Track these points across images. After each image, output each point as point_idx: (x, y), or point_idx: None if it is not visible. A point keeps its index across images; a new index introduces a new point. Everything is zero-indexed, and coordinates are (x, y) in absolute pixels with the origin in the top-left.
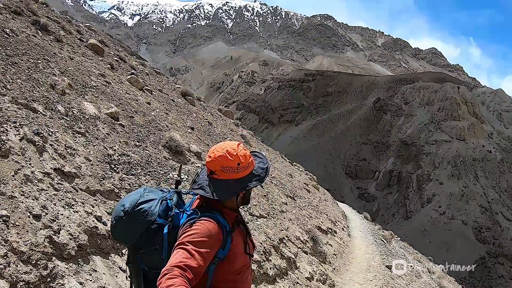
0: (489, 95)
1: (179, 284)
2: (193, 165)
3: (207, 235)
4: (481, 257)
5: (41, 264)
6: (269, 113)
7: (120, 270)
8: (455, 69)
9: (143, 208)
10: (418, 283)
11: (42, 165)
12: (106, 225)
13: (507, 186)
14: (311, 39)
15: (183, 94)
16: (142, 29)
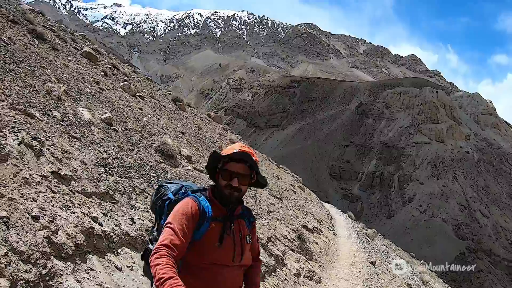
0: (466, 98)
1: (165, 264)
2: (184, 168)
3: (185, 211)
4: (461, 253)
5: (40, 263)
6: (256, 118)
7: (116, 269)
8: (434, 74)
9: (166, 186)
10: (401, 278)
11: (39, 169)
12: (102, 225)
13: (485, 184)
14: (296, 47)
15: (173, 100)
16: (134, 37)
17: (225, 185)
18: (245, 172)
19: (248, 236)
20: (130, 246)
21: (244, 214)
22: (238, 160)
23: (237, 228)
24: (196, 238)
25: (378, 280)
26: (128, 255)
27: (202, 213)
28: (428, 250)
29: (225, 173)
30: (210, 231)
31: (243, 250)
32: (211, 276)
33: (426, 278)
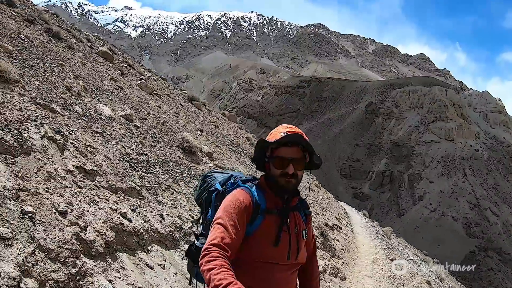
0: (475, 97)
1: (220, 267)
2: (206, 165)
3: (237, 204)
4: (471, 251)
5: (69, 262)
6: (266, 118)
7: (147, 267)
8: (443, 73)
9: (212, 176)
10: (420, 275)
11: (64, 163)
12: (131, 222)
13: (494, 183)
14: (306, 47)
15: (189, 99)
16: (145, 40)
17: (280, 173)
18: (299, 156)
19: (305, 231)
20: (160, 243)
21: (299, 206)
22: (289, 144)
23: (292, 221)
24: (248, 233)
25: (400, 277)
26: (159, 253)
27: (256, 206)
28: (439, 249)
29: (277, 160)
30: (264, 226)
31: (299, 247)
32: (264, 275)
33: (443, 276)
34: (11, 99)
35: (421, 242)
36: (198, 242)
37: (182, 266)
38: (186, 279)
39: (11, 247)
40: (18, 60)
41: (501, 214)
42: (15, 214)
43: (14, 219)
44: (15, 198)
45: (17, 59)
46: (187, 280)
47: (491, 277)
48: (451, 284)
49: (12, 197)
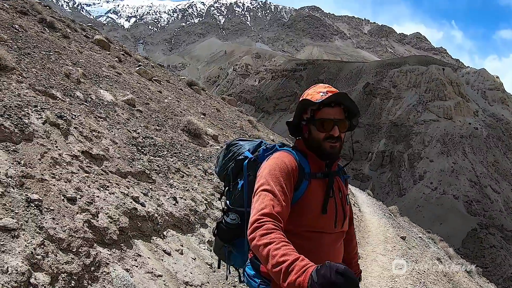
0: (472, 75)
1: (279, 241)
2: (213, 147)
3: (283, 167)
4: (473, 229)
5: (82, 252)
6: (264, 102)
7: (165, 254)
8: (439, 51)
9: (239, 144)
10: (430, 252)
11: (69, 148)
12: (144, 206)
13: (494, 160)
14: (300, 30)
15: (189, 84)
16: (139, 30)
17: (324, 137)
18: (342, 117)
19: (348, 197)
20: (175, 228)
21: (339, 171)
22: (333, 104)
23: (336, 187)
24: (293, 200)
25: (412, 254)
26: (175, 238)
27: (300, 169)
28: (440, 227)
29: (320, 123)
30: (310, 192)
31: (345, 214)
32: (313, 245)
33: (451, 252)
34: (9, 86)
35: (423, 221)
36: (228, 218)
37: (200, 251)
38: (206, 264)
39: (18, 238)
40: (14, 48)
41: (502, 191)
42: (20, 203)
43: (19, 208)
44: (19, 186)
45: (12, 48)
46: (207, 265)
47: (493, 254)
48: (459, 261)
49: (16, 184)
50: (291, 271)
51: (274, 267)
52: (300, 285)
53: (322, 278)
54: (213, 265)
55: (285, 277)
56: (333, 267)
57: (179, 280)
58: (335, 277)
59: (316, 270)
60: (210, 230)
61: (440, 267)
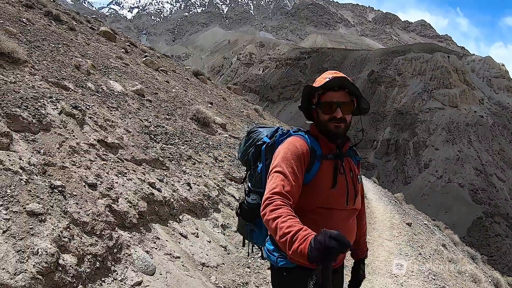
0: (478, 62)
1: (286, 215)
2: (221, 135)
3: (294, 151)
4: (478, 218)
5: (105, 235)
6: (268, 91)
7: (182, 237)
8: (444, 39)
9: (258, 130)
10: (435, 238)
11: (85, 137)
12: (161, 191)
13: (500, 148)
14: (304, 18)
15: (195, 74)
16: (141, 20)
17: (328, 118)
18: (346, 100)
19: (360, 176)
20: (190, 212)
21: (351, 152)
22: (335, 88)
23: (347, 166)
24: (306, 181)
25: (418, 240)
26: (190, 222)
27: (312, 152)
28: (446, 216)
29: (324, 105)
30: (321, 172)
31: (356, 192)
32: (325, 221)
33: (456, 239)
34: (23, 78)
35: (428, 209)
36: (250, 199)
37: (214, 234)
38: (221, 246)
39: (45, 222)
40: (24, 42)
41: (507, 179)
42: (44, 189)
43: (44, 194)
44: (42, 173)
45: (22, 41)
46: (222, 248)
47: (498, 243)
48: (465, 248)
49: (39, 172)
50: (295, 240)
51: (281, 237)
52: (302, 252)
53: (317, 243)
54: (228, 247)
55: (290, 245)
56: (327, 233)
57: (196, 261)
58: (329, 241)
59: (314, 237)
60: (223, 214)
61: (445, 252)
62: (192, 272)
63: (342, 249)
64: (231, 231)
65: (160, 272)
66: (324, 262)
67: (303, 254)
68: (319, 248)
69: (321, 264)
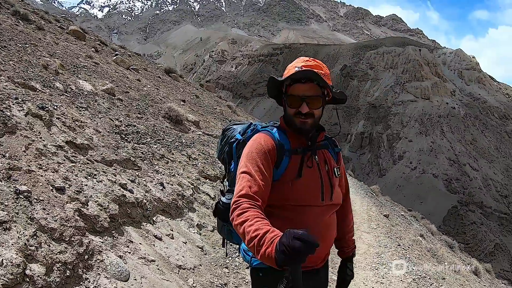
0: (449, 55)
1: (254, 217)
2: (194, 133)
3: (259, 148)
4: (453, 206)
5: (75, 241)
6: (241, 88)
7: (156, 239)
8: (416, 33)
9: (232, 128)
10: (413, 228)
11: (53, 139)
12: (132, 192)
13: (472, 139)
14: (276, 14)
15: (167, 72)
16: (112, 19)
17: (294, 113)
18: (315, 93)
19: (337, 169)
20: (164, 213)
21: (328, 144)
22: (303, 80)
23: (322, 159)
24: (276, 178)
25: (396, 231)
26: (165, 223)
27: (280, 147)
28: (421, 206)
29: (290, 99)
30: (291, 167)
31: (332, 186)
32: (299, 219)
33: (433, 229)
34: None
35: (404, 200)
36: (224, 198)
37: (190, 235)
38: (197, 247)
39: (10, 231)
40: None
41: (480, 168)
42: (9, 195)
43: (9, 200)
44: (6, 178)
45: None
46: (198, 249)
47: (474, 231)
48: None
49: (3, 177)
50: (262, 244)
51: (249, 243)
52: (270, 255)
53: (281, 245)
54: (204, 248)
55: (258, 250)
56: (291, 233)
57: (172, 264)
58: (293, 242)
59: (279, 239)
60: (198, 213)
61: (423, 242)
62: (168, 275)
63: (308, 249)
64: (207, 230)
65: (134, 278)
66: (291, 266)
67: (271, 258)
68: (284, 251)
69: (289, 267)
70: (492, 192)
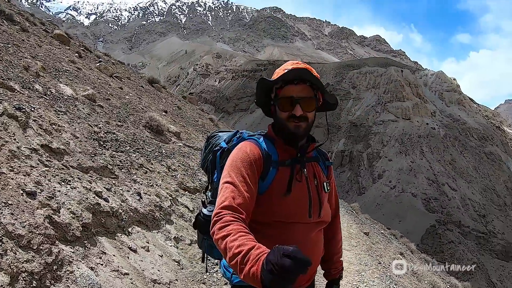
0: (430, 77)
1: (237, 232)
2: (175, 144)
3: (244, 157)
4: (431, 225)
5: (44, 250)
6: (224, 103)
7: (130, 251)
8: (398, 54)
9: (217, 135)
10: (393, 247)
11: (28, 141)
12: (108, 201)
13: (451, 159)
14: (262, 30)
15: (150, 82)
16: (99, 27)
17: (287, 116)
18: (308, 95)
19: (326, 184)
20: (140, 224)
21: (318, 156)
22: (296, 81)
23: (311, 172)
24: (261, 190)
25: (376, 249)
26: (140, 234)
27: (266, 158)
28: (400, 225)
29: (282, 101)
30: (278, 180)
31: (321, 202)
32: (285, 237)
33: (413, 247)
34: None
35: (383, 219)
36: (205, 210)
37: (167, 248)
38: (174, 261)
39: None
40: None
41: (459, 188)
42: None
43: None
44: None
45: None
46: (175, 262)
47: (452, 249)
48: (421, 255)
49: None
50: (246, 262)
51: (231, 260)
52: (254, 275)
53: (269, 263)
54: (181, 262)
55: (241, 269)
56: (280, 250)
57: (146, 278)
58: (282, 260)
59: (266, 256)
60: (176, 226)
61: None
62: None
63: (299, 268)
64: (185, 244)
65: None
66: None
67: (256, 278)
68: (272, 270)
69: None
70: (470, 211)
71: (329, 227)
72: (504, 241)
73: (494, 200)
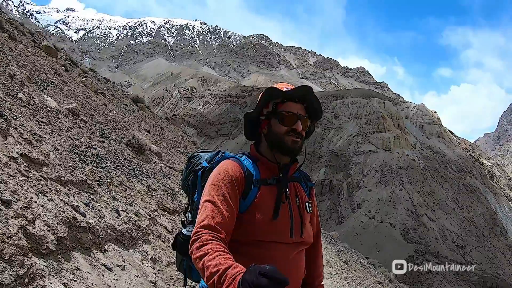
0: (412, 109)
1: (214, 251)
2: (156, 164)
3: (225, 175)
4: (409, 256)
5: (16, 261)
6: (207, 127)
7: (106, 269)
8: (381, 86)
9: (199, 155)
10: (372, 275)
11: (7, 149)
12: (85, 216)
13: (430, 190)
14: (248, 57)
15: (134, 101)
16: (87, 43)
17: (286, 131)
18: (306, 115)
19: (308, 204)
20: (117, 242)
21: (300, 177)
22: (296, 99)
23: (293, 193)
24: (242, 210)
25: (355, 278)
26: (116, 253)
27: (248, 176)
28: (378, 254)
29: (284, 116)
30: (260, 199)
31: (303, 222)
32: (265, 256)
33: (391, 277)
34: None
35: (361, 248)
36: (185, 230)
37: (143, 268)
38: (150, 282)
39: None
40: None
41: (437, 219)
42: None
43: None
44: None
45: None
46: (151, 284)
47: (430, 280)
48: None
49: None
50: (223, 282)
51: (208, 279)
52: None
53: (245, 282)
54: (157, 283)
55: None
56: (256, 269)
57: None
58: (258, 279)
59: (242, 275)
60: (153, 246)
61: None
62: None
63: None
64: (162, 265)
65: None
66: None
67: None
68: None
69: None
70: (448, 242)
71: (311, 249)
72: (482, 272)
73: (472, 231)
